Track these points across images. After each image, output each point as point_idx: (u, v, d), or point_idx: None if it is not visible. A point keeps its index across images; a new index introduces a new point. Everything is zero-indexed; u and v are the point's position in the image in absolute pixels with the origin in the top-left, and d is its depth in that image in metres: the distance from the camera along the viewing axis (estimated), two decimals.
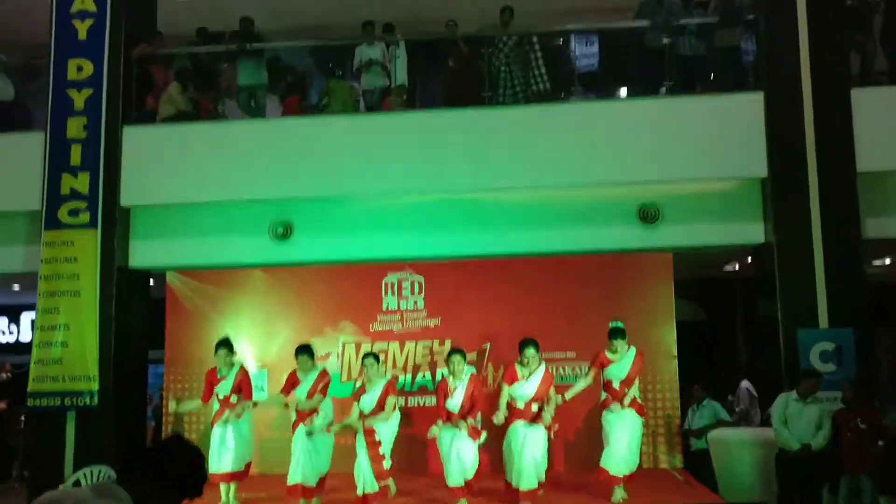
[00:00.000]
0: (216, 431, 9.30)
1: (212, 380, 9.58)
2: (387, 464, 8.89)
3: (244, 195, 10.66)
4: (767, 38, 10.21)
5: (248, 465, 9.41)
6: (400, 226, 10.73)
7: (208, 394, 9.57)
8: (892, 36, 10.54)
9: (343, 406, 10.67)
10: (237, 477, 9.24)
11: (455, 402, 8.83)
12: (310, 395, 9.12)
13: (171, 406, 10.13)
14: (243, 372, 9.59)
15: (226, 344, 9.62)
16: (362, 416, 8.97)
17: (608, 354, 9.16)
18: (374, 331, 10.94)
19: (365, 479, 8.78)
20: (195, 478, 3.05)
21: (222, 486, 9.12)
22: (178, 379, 11.19)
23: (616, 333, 9.12)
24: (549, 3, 11.92)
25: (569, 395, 9.09)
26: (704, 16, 10.92)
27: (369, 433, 8.87)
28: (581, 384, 9.29)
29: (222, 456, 9.13)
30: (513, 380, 8.93)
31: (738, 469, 9.42)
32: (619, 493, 8.88)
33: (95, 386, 10.27)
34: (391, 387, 9.15)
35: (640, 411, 9.11)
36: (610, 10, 11.81)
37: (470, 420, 8.76)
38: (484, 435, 8.87)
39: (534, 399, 8.85)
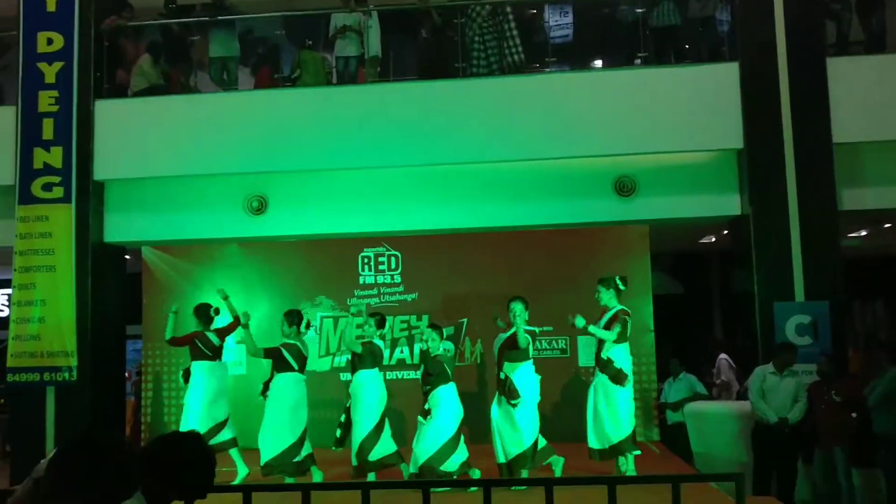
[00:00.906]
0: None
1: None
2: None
3: (218, 169, 10.62)
4: (741, 7, 10.13)
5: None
6: (375, 199, 10.71)
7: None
8: (867, 4, 10.47)
9: (323, 379, 10.71)
10: None
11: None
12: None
13: None
14: (187, 334, 9.30)
15: (197, 308, 9.40)
16: None
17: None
18: (351, 305, 10.91)
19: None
20: (204, 481, 3.02)
21: None
22: (155, 354, 11.16)
23: (601, 282, 8.50)
24: None
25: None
26: None
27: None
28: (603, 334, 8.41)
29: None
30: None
31: (714, 442, 9.50)
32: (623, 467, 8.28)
33: (74, 361, 10.28)
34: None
35: (615, 378, 8.32)
36: None
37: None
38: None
39: (499, 354, 8.40)
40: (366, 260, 11.09)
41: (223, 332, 9.28)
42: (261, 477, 8.40)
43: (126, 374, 12.13)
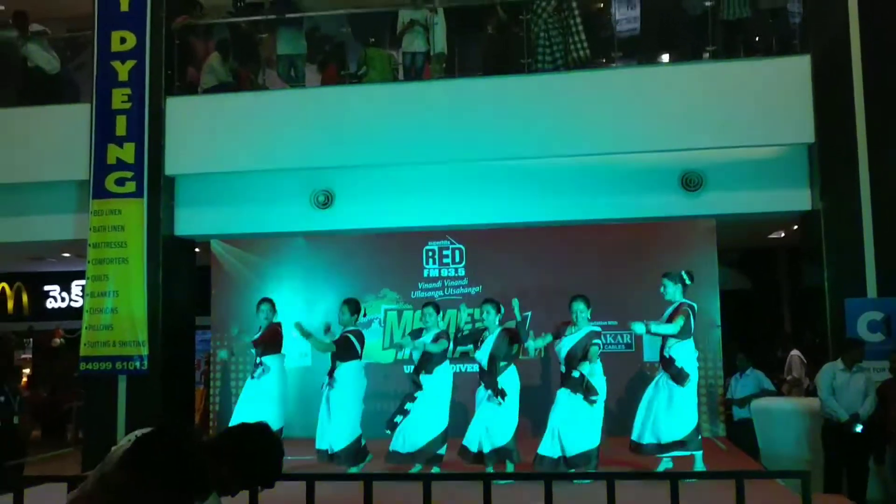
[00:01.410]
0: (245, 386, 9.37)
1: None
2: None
3: (285, 164, 10.75)
4: None
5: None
6: (440, 193, 10.76)
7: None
8: None
9: (387, 372, 10.80)
10: None
11: (482, 354, 8.43)
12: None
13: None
14: (270, 327, 9.36)
15: (267, 301, 9.54)
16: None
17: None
18: (415, 298, 11.00)
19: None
20: (272, 471, 3.05)
21: None
22: (223, 345, 11.38)
23: (666, 276, 8.27)
24: None
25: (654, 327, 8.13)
26: None
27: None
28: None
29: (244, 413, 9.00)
30: (558, 336, 8.37)
31: (781, 438, 9.34)
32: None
33: (145, 351, 10.54)
34: (445, 333, 8.86)
35: (677, 377, 8.07)
36: None
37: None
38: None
39: (569, 356, 8.25)
40: (430, 253, 11.17)
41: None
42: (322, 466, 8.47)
43: (195, 364, 12.39)
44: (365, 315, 9.27)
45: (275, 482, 3.09)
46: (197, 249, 11.95)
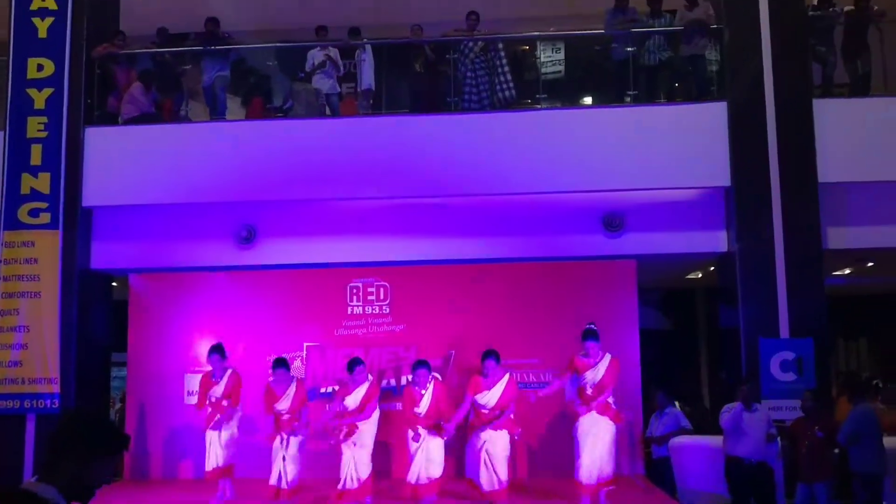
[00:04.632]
0: (211, 434, 9.37)
1: (206, 385, 9.54)
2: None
3: (207, 198, 10.59)
4: (730, 47, 10.31)
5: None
6: (365, 230, 10.72)
7: (203, 399, 9.53)
8: (853, 48, 10.67)
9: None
10: (230, 472, 9.38)
11: (422, 409, 8.85)
12: (294, 409, 9.13)
13: None
14: (236, 377, 9.55)
15: (218, 350, 9.58)
16: (346, 415, 8.95)
17: (583, 358, 8.95)
18: (338, 335, 10.90)
19: (350, 475, 8.76)
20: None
21: (220, 482, 9.32)
22: (140, 382, 11.06)
23: (589, 336, 8.92)
24: (516, 10, 11.96)
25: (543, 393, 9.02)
26: (669, 24, 10.96)
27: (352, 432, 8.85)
28: (556, 385, 9.18)
29: (217, 454, 9.28)
30: (476, 390, 8.86)
31: (699, 476, 9.49)
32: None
33: (56, 389, 10.16)
34: (374, 388, 9.21)
35: (615, 418, 8.89)
36: (575, 17, 11.87)
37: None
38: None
39: (496, 408, 8.79)
40: (354, 290, 11.07)
41: None
42: None
43: (110, 402, 12.00)
44: None
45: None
46: (114, 284, 11.65)
